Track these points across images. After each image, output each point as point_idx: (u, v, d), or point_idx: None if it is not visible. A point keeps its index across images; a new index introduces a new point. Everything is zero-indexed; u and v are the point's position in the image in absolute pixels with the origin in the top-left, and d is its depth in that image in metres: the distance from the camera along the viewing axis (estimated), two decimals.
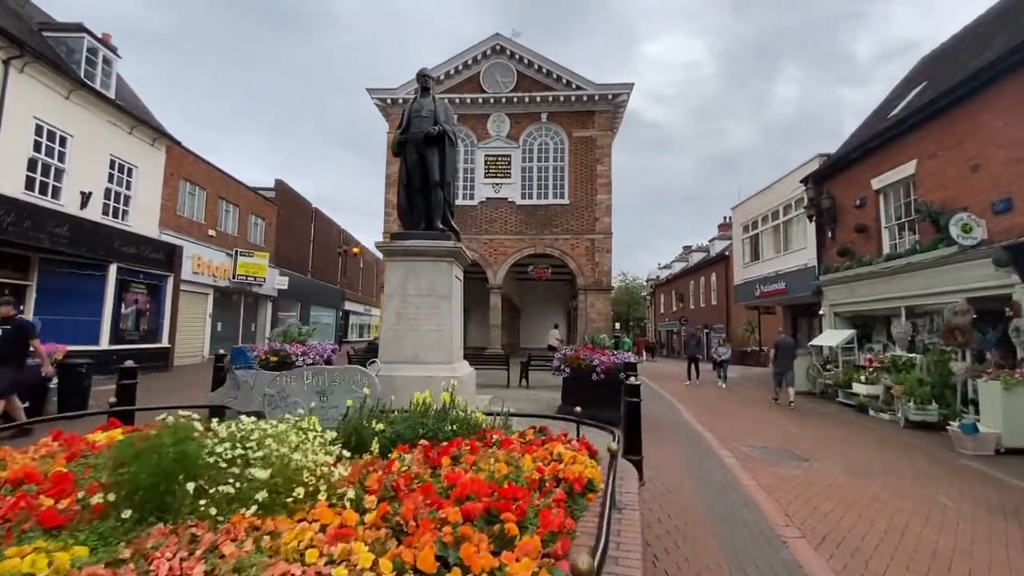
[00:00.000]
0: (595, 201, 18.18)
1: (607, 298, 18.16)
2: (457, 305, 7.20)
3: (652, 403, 10.88)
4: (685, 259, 44.64)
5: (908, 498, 5.16)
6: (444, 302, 6.85)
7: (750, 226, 20.14)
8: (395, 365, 6.71)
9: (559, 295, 30.11)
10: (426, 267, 6.93)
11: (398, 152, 7.46)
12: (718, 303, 32.95)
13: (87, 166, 12.72)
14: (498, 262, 18.31)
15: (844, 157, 13.46)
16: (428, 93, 7.61)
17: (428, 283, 6.89)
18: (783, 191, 17.26)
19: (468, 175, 18.83)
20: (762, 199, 19.09)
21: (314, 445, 2.65)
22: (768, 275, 17.99)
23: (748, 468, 6.07)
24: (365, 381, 4.08)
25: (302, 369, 4.20)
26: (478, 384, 12.35)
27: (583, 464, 3.18)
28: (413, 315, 6.83)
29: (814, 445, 7.45)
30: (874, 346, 12.95)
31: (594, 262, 17.97)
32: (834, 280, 13.40)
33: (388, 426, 3.74)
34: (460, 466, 2.91)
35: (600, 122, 18.47)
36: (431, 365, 6.69)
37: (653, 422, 8.51)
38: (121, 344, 13.23)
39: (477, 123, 18.89)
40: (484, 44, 18.83)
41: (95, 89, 12.85)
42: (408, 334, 6.79)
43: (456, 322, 7.01)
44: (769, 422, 9.25)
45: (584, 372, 7.61)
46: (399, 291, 6.88)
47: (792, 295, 16.61)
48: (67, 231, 11.45)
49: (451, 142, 7.37)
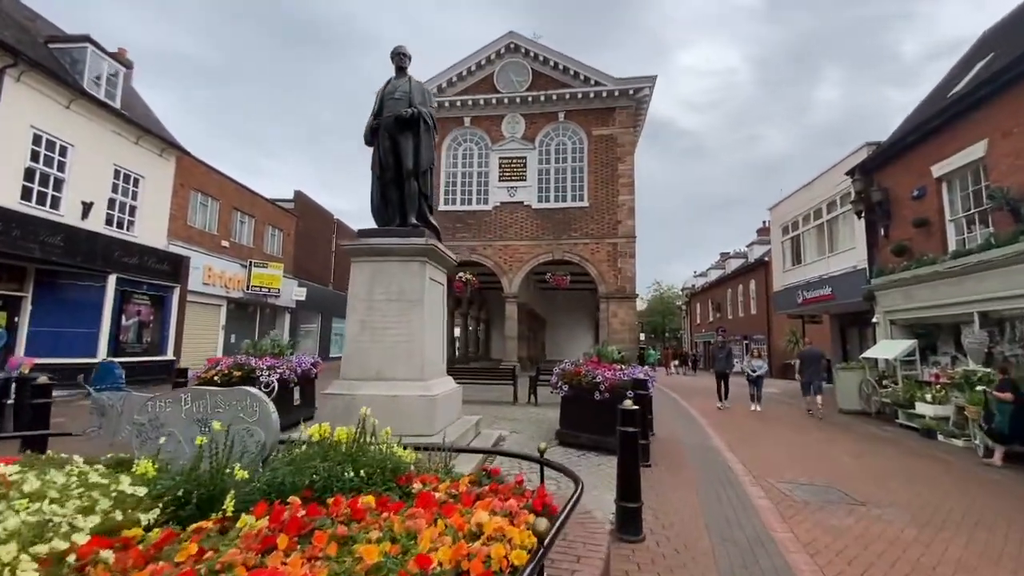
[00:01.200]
0: (616, 203, 17.00)
1: (631, 307, 16.85)
2: (433, 312, 6.22)
3: (677, 424, 9.56)
4: (722, 266, 42.42)
5: (1006, 563, 3.80)
6: (415, 308, 5.88)
7: (790, 227, 18.44)
8: (357, 383, 5.78)
9: (586, 305, 28.83)
10: (395, 268, 6.00)
11: (370, 140, 6.61)
12: (758, 312, 30.84)
13: (89, 176, 12.52)
14: (513, 269, 17.32)
15: (898, 143, 11.85)
16: (404, 73, 6.75)
17: (397, 286, 5.95)
18: (826, 186, 15.61)
19: (482, 179, 18.03)
20: (802, 197, 17.41)
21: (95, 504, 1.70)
22: (812, 280, 16.27)
23: (786, 514, 4.78)
24: (256, 408, 3.13)
25: (179, 391, 3.28)
26: (480, 400, 11.33)
27: (514, 539, 2.10)
28: (379, 323, 5.89)
29: (871, 481, 6.04)
30: (940, 359, 11.19)
31: (616, 268, 16.73)
32: (889, 283, 11.73)
33: (269, 472, 2.77)
34: (303, 551, 1.89)
35: (621, 119, 17.34)
36: (399, 382, 5.72)
37: (673, 448, 7.24)
38: (121, 357, 12.88)
39: (491, 125, 18.10)
40: (498, 43, 18.09)
41: (98, 99, 12.71)
42: (373, 346, 5.85)
43: (430, 331, 6.03)
44: (814, 449, 7.81)
45: (585, 390, 6.47)
46: (364, 296, 5.97)
47: (840, 301, 14.86)
48: (61, 241, 11.18)
49: (428, 126, 6.46)
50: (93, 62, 12.94)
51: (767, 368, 13.12)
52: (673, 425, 9.35)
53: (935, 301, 10.48)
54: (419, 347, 5.82)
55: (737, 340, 33.09)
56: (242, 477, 2.56)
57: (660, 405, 12.10)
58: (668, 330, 63.94)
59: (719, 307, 39.06)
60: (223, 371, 7.00)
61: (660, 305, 63.59)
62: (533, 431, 7.72)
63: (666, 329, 63.88)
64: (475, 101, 17.93)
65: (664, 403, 12.97)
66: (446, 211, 17.95)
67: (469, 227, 17.72)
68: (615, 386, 6.34)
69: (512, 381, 10.92)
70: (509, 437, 7.20)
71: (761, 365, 12.60)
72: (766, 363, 13.41)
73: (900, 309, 11.73)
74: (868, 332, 16.43)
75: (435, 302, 6.37)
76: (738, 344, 32.78)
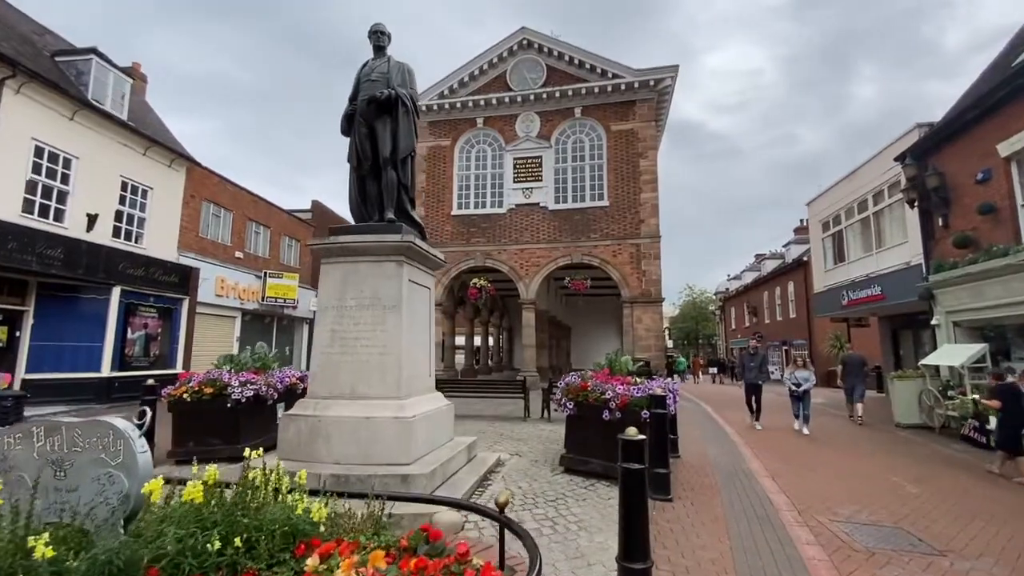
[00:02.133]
0: (639, 201, 15.96)
1: (657, 311, 15.72)
2: (414, 319, 5.43)
3: (707, 443, 8.46)
4: (757, 268, 40.41)
5: None
6: (391, 315, 5.11)
7: (830, 223, 16.97)
8: (325, 402, 5.03)
9: (612, 310, 27.62)
10: (368, 270, 5.25)
11: (346, 129, 5.92)
12: (797, 315, 28.98)
13: (95, 188, 12.37)
14: (530, 275, 16.45)
15: (955, 120, 10.48)
16: (382, 53, 6.06)
17: (371, 290, 5.19)
18: (872, 175, 14.19)
19: (496, 181, 17.29)
20: (844, 189, 15.97)
21: None
22: (858, 279, 14.80)
23: (842, 568, 3.75)
24: (120, 447, 2.39)
25: (31, 424, 2.57)
26: (489, 416, 10.44)
27: None
28: (351, 333, 5.14)
29: (948, 519, 4.89)
30: (1016, 366, 9.71)
31: (640, 270, 15.66)
32: (951, 280, 10.32)
33: (105, 544, 2.00)
34: None
35: (642, 112, 16.34)
36: (372, 401, 4.95)
37: (701, 474, 6.21)
38: (127, 371, 12.63)
39: (504, 125, 17.38)
40: (510, 40, 17.41)
41: (103, 110, 12.57)
42: (344, 359, 5.10)
43: (410, 341, 5.24)
44: (871, 474, 6.62)
45: (592, 408, 5.54)
46: (335, 302, 5.24)
47: (891, 302, 13.37)
48: (61, 253, 10.96)
49: (407, 109, 5.72)
50: (99, 74, 12.84)
51: (815, 380, 10.11)
52: (702, 444, 8.27)
53: (1009, 299, 9.06)
54: (395, 360, 5.03)
55: (776, 346, 31.20)
56: (45, 556, 1.79)
57: (688, 419, 10.97)
58: (702, 336, 61.65)
59: (755, 311, 37.11)
60: (194, 388, 6.37)
61: (693, 310, 61.38)
62: (538, 453, 6.81)
63: (700, 335, 61.61)
64: (487, 101, 17.25)
65: (693, 417, 11.81)
66: (459, 215, 17.29)
67: (483, 231, 16.98)
68: (628, 404, 5.39)
69: (523, 394, 10.02)
70: (509, 461, 6.32)
71: (807, 377, 9.87)
72: (813, 374, 10.17)
73: (965, 309, 10.30)
74: (924, 335, 14.83)
75: (417, 308, 5.58)
76: (776, 350, 30.89)
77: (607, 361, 6.36)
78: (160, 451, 6.33)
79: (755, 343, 10.89)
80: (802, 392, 9.71)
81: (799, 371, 9.99)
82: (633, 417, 5.37)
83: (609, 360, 6.34)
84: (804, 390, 9.72)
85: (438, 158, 17.73)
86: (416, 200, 17.61)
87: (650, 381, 5.80)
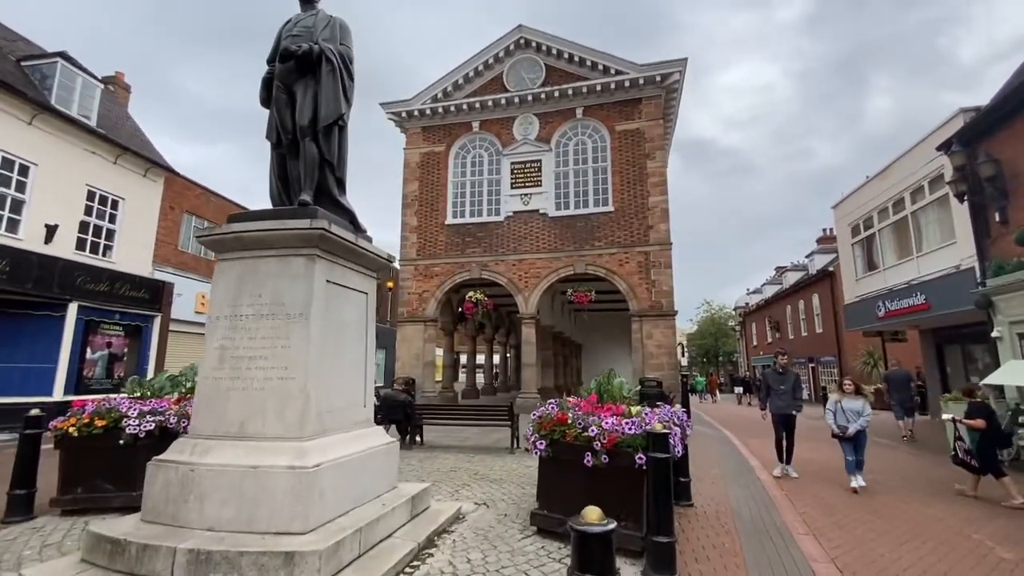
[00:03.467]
0: (647, 205, 14.63)
1: (670, 326, 14.24)
2: (336, 332, 4.18)
3: (728, 481, 6.94)
4: (778, 281, 38.47)
5: None
6: (297, 326, 3.86)
7: (860, 226, 15.40)
8: (208, 443, 3.76)
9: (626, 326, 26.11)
10: (270, 268, 4.02)
11: (265, 99, 4.77)
12: (824, 330, 27.06)
13: (55, 197, 11.51)
14: (529, 287, 15.15)
15: (1012, 97, 9.01)
16: (310, 6, 4.94)
17: (271, 294, 3.96)
18: (908, 170, 12.68)
19: (493, 187, 16.14)
20: (875, 188, 14.45)
21: None
22: (897, 287, 13.17)
23: None
24: None
25: None
26: (472, 447, 8.91)
27: None
28: (244, 351, 3.90)
29: None
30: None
31: (649, 280, 14.25)
32: (1016, 283, 8.75)
33: None
34: None
35: (648, 110, 15.12)
36: (264, 443, 3.67)
37: (719, 532, 4.74)
38: (86, 394, 11.53)
39: (501, 128, 16.30)
40: (506, 39, 16.44)
41: (66, 115, 11.78)
42: (234, 385, 3.85)
43: (323, 362, 3.98)
44: (946, 531, 5.07)
45: (572, 450, 4.18)
46: (228, 310, 4.01)
47: (937, 312, 11.72)
48: (6, 266, 10.02)
49: (332, 67, 4.55)
50: (65, 77, 12.11)
51: (870, 412, 6.79)
52: (721, 485, 6.76)
53: None
54: (299, 386, 3.76)
55: (801, 363, 29.21)
56: None
57: (706, 450, 9.44)
58: (722, 353, 59.32)
59: (777, 326, 35.15)
60: (84, 420, 5.17)
61: (711, 327, 59.22)
62: (513, 501, 5.41)
63: (719, 352, 59.28)
64: (483, 103, 16.23)
65: (712, 446, 10.26)
66: (454, 224, 16.14)
67: (479, 241, 15.78)
68: (616, 444, 4.02)
69: (509, 422, 8.62)
70: (472, 514, 4.94)
71: (861, 409, 6.60)
72: (867, 405, 6.81)
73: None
74: (976, 350, 13.11)
75: (343, 318, 4.32)
76: (802, 367, 28.87)
77: (596, 385, 4.98)
78: (43, 498, 5.13)
79: (783, 359, 8.01)
80: (855, 433, 6.54)
81: (848, 400, 6.72)
82: (624, 461, 4.00)
83: (598, 384, 4.96)
84: (858, 429, 6.51)
85: (432, 165, 16.69)
86: (406, 210, 16.55)
87: (649, 411, 4.40)
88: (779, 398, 7.49)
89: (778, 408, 7.48)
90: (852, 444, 6.61)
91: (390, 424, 9.43)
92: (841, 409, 6.74)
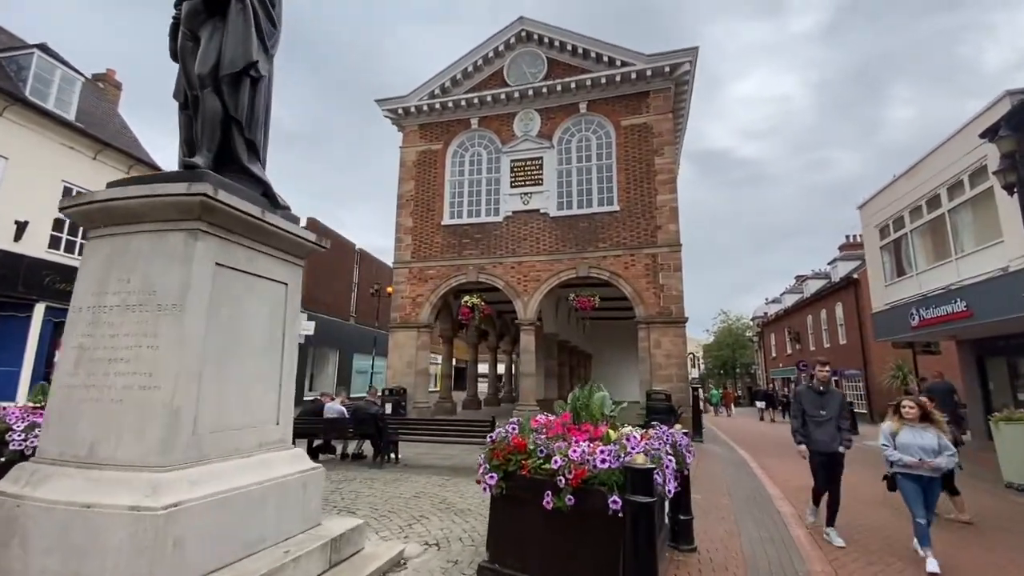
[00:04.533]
0: (655, 204, 13.62)
1: (680, 334, 13.14)
2: (232, 328, 3.31)
3: (744, 518, 5.84)
4: (799, 290, 36.84)
5: None
6: (168, 321, 2.99)
7: (890, 227, 14.18)
8: (49, 469, 2.92)
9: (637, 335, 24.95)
10: (143, 246, 3.17)
11: (175, 51, 3.96)
12: (848, 341, 25.54)
13: (27, 193, 10.95)
14: (528, 291, 14.20)
15: None
16: None
17: (142, 280, 3.10)
18: (945, 163, 11.50)
19: (491, 186, 15.29)
20: (906, 185, 13.25)
21: None
22: (933, 293, 11.92)
23: None
24: None
25: None
26: (452, 468, 7.90)
27: None
28: (104, 352, 3.04)
29: None
30: None
31: (657, 284, 13.20)
32: None
33: None
34: None
35: (656, 104, 14.16)
36: (112, 473, 2.80)
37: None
38: None
39: (501, 124, 15.49)
40: (507, 31, 15.67)
41: (40, 107, 11.27)
42: (88, 395, 2.99)
43: (213, 371, 3.10)
44: None
45: (531, 486, 3.21)
46: (92, 300, 3.17)
47: (981, 320, 10.47)
48: None
49: (245, 6, 3.72)
50: (42, 69, 11.63)
51: (953, 450, 4.52)
52: (734, 520, 5.68)
53: None
54: (165, 399, 2.88)
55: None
56: None
57: (716, 472, 8.33)
58: (739, 365, 57.39)
59: (798, 337, 33.57)
60: None
61: (729, 337, 57.35)
62: (470, 542, 4.42)
63: (737, 364, 57.35)
64: (483, 99, 15.44)
65: (724, 470, 9.13)
66: (450, 225, 15.30)
67: (477, 242, 14.91)
68: (588, 481, 3.04)
69: None
70: (415, 560, 3.98)
71: (934, 447, 4.44)
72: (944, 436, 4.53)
73: None
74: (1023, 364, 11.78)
75: (244, 314, 3.44)
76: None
77: (571, 401, 4.01)
78: None
79: (823, 371, 5.49)
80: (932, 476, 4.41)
81: (911, 431, 4.55)
82: (596, 503, 3.01)
83: (574, 399, 3.99)
84: (932, 476, 4.41)
85: (428, 164, 15.92)
86: (402, 210, 15.76)
87: (633, 436, 3.41)
88: (820, 429, 5.15)
89: (819, 444, 5.10)
90: (922, 495, 4.38)
91: (362, 440, 8.54)
92: (912, 438, 4.49)
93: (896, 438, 4.61)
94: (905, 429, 4.61)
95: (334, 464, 8.29)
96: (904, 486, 4.49)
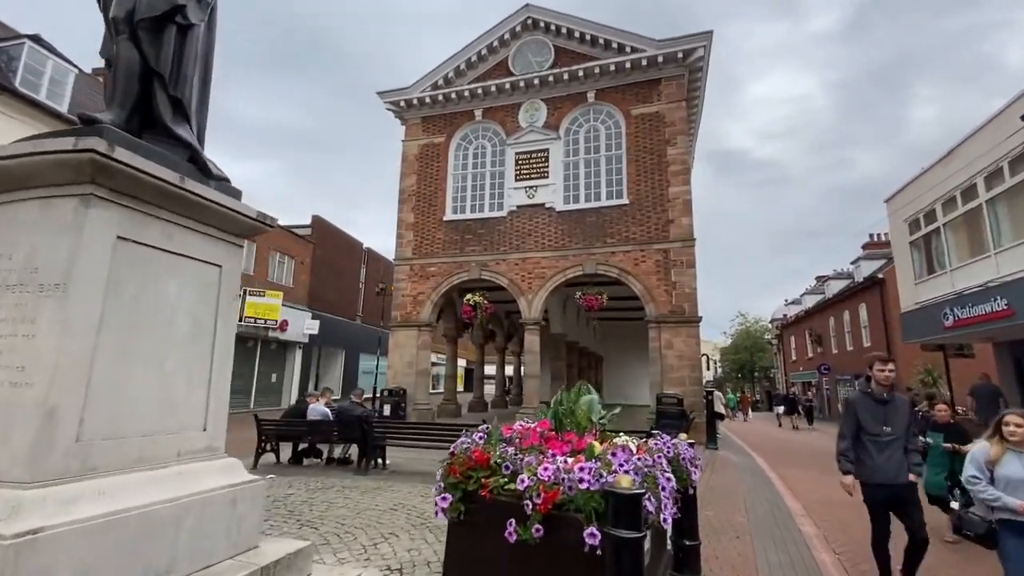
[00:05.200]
0: (667, 196, 12.92)
1: (693, 334, 12.41)
2: (133, 317, 2.76)
3: (760, 543, 5.15)
4: (820, 291, 35.61)
5: None
6: (49, 305, 2.44)
7: (921, 221, 13.27)
8: None
9: None
10: (29, 215, 2.64)
11: None
12: (873, 343, 24.37)
13: None
14: (533, 288, 13.59)
15: None
16: None
17: (26, 255, 2.57)
18: (982, 149, 10.62)
19: (496, 180, 14.73)
20: (937, 176, 12.36)
21: None
22: (968, 290, 11.03)
23: None
24: None
25: None
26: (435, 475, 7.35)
27: None
28: None
29: None
30: None
31: (669, 282, 12.49)
32: None
33: None
34: None
35: (669, 91, 13.46)
36: None
37: None
38: None
39: (506, 115, 14.93)
40: (512, 19, 15.12)
41: (30, 98, 11.01)
42: None
43: (112, 365, 2.56)
44: None
45: (491, 511, 2.61)
46: None
47: (1022, 320, 9.58)
48: None
49: None
50: (32, 59, 11.38)
51: None
52: (749, 542, 5.00)
53: None
54: (39, 398, 2.33)
55: (846, 380, 26.57)
56: None
57: (730, 483, 7.59)
58: (758, 368, 55.95)
59: (819, 339, 32.36)
60: None
61: (747, 340, 55.94)
62: (435, 569, 3.84)
63: (755, 367, 55.92)
64: (487, 90, 14.90)
65: (738, 478, 8.39)
66: (453, 220, 14.77)
67: (480, 238, 14.35)
68: (560, 507, 2.43)
69: None
70: None
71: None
72: None
73: None
74: None
75: (160, 299, 2.89)
76: (847, 386, 26.20)
77: (553, 406, 3.40)
78: None
79: (885, 372, 3.78)
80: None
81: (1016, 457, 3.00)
82: (570, 536, 2.39)
83: (556, 404, 3.38)
84: None
85: (431, 157, 15.42)
86: (403, 205, 15.31)
87: (622, 450, 2.78)
88: (883, 453, 3.64)
89: (881, 473, 3.61)
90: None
91: (348, 444, 8.01)
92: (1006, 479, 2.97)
93: (995, 470, 3.03)
94: (1010, 456, 3.02)
95: (317, 470, 7.78)
96: (1008, 544, 2.89)
